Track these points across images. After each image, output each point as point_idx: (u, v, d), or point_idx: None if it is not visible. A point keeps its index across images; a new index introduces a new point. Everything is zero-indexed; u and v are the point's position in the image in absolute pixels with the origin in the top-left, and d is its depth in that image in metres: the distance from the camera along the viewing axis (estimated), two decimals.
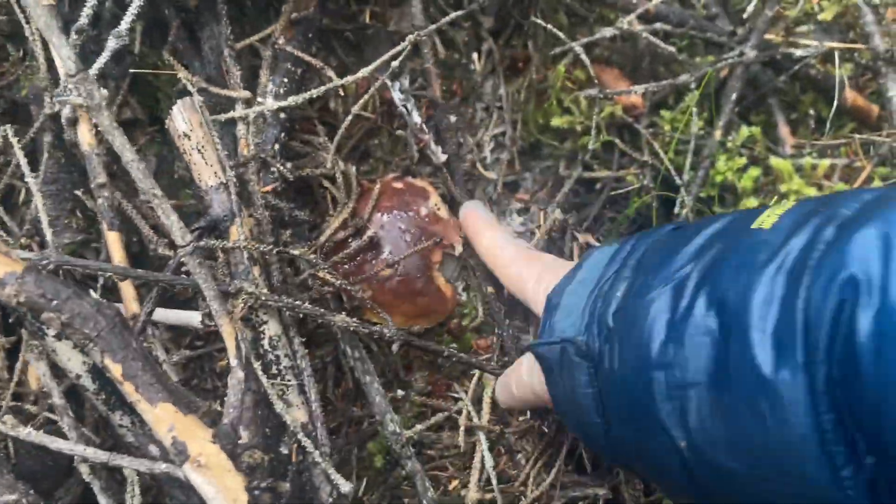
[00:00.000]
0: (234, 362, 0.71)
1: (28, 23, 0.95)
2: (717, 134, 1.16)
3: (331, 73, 0.92)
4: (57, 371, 0.92)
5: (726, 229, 0.69)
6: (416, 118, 1.14)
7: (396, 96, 1.13)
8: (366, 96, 0.94)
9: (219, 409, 0.72)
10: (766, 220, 0.65)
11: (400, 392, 1.07)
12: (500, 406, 1.05)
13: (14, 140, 0.95)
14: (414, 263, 0.97)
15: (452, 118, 1.18)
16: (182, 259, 0.68)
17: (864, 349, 0.49)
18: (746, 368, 0.57)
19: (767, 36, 1.19)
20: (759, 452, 0.58)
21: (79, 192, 0.98)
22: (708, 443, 0.62)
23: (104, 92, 0.66)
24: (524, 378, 0.92)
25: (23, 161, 0.90)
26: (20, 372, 0.95)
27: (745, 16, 1.15)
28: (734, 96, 1.17)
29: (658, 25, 1.14)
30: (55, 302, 0.63)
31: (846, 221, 0.58)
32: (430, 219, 1.00)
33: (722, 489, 0.64)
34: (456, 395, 1.08)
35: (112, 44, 0.89)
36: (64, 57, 0.65)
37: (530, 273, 0.95)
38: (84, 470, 0.81)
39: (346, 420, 1.06)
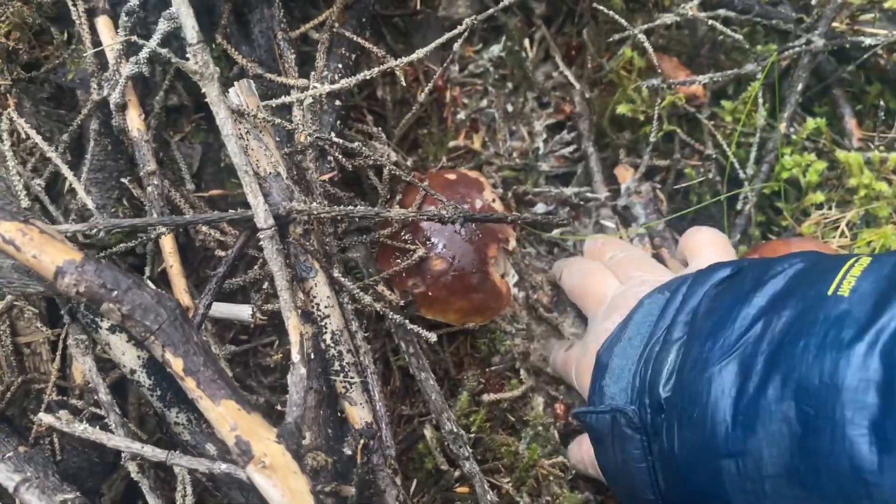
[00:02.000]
0: (296, 358, 0.67)
1: (75, 4, 0.91)
2: (782, 126, 1.11)
3: (388, 56, 0.88)
4: (102, 365, 0.89)
5: (793, 290, 0.62)
6: None
7: None
8: (429, 85, 0.89)
9: (279, 407, 0.68)
10: (844, 285, 0.57)
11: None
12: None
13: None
14: (469, 258, 0.92)
15: (509, 108, 1.14)
16: (261, 243, 0.64)
17: None
18: (842, 467, 0.51)
19: (833, 24, 1.14)
20: None
21: (125, 181, 0.95)
22: None
23: (216, 68, 0.63)
24: (583, 448, 0.89)
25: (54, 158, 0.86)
26: (62, 365, 0.92)
27: (812, 1, 1.09)
28: (800, 87, 1.12)
29: (721, 12, 1.09)
30: (115, 292, 0.60)
31: None
32: (485, 211, 0.96)
33: None
34: (508, 397, 1.04)
35: (163, 26, 0.86)
36: (188, 27, 0.62)
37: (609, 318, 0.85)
38: (132, 468, 0.78)
39: (394, 418, 1.02)
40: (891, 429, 0.49)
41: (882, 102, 1.20)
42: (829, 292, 0.58)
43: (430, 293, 0.89)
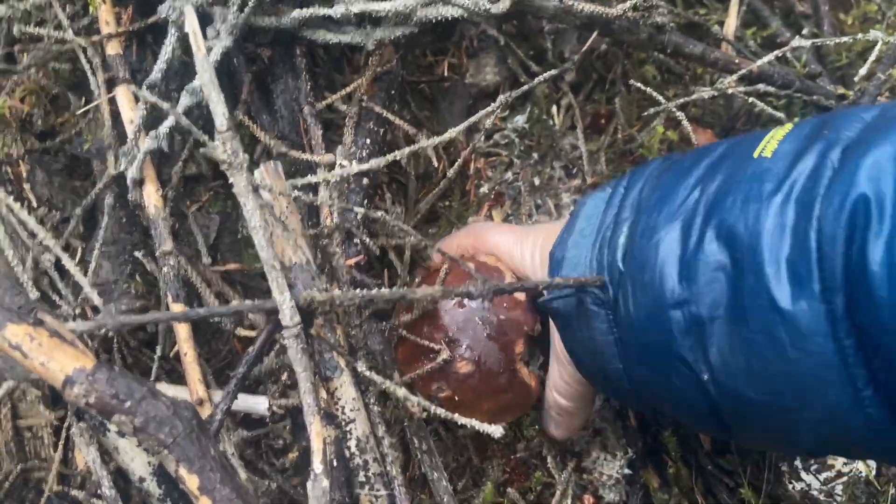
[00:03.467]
0: (318, 468, 0.62)
1: (94, 74, 0.88)
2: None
3: (420, 136, 0.84)
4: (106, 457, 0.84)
5: (726, 157, 0.68)
6: None
7: None
8: (457, 163, 0.85)
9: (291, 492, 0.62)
10: (767, 147, 0.64)
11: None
12: (558, 439, 0.97)
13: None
14: (495, 357, 0.85)
15: (536, 181, 1.10)
16: (285, 341, 0.60)
17: (876, 277, 0.51)
18: (763, 301, 0.58)
19: (881, 97, 1.10)
20: (780, 382, 0.59)
21: (138, 254, 0.91)
22: (729, 374, 0.62)
23: (246, 155, 0.59)
24: (559, 380, 0.87)
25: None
26: (64, 450, 0.87)
27: (856, 79, 1.05)
28: None
29: (761, 87, 1.05)
30: (128, 403, 0.55)
31: (851, 144, 0.58)
32: (508, 304, 0.88)
33: (745, 418, 0.65)
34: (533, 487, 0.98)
35: (185, 100, 0.83)
36: (218, 113, 0.58)
37: (525, 246, 0.89)
38: None
39: None
40: (801, 265, 0.56)
41: None
42: (756, 155, 0.64)
43: (456, 397, 0.83)
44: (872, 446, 0.61)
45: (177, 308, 0.80)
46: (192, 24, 0.60)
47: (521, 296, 0.91)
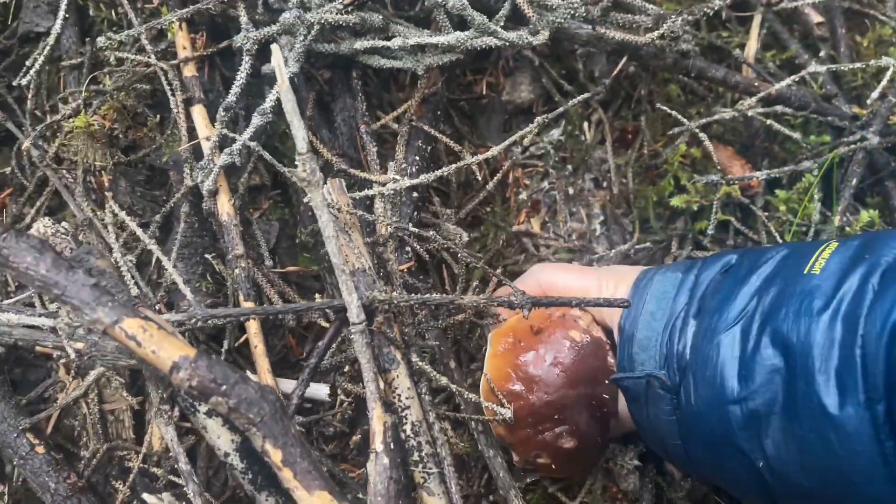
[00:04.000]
0: (379, 447, 0.71)
1: (174, 94, 0.98)
2: (836, 220, 1.14)
3: (465, 152, 0.93)
4: (182, 437, 0.94)
5: (779, 272, 0.77)
6: None
7: None
8: (499, 175, 0.94)
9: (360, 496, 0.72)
10: (816, 265, 0.74)
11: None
12: None
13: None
14: (590, 427, 0.89)
15: (570, 191, 1.19)
16: (352, 336, 0.69)
17: None
18: (814, 405, 0.67)
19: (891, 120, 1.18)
20: (830, 474, 0.68)
21: (209, 257, 1.01)
22: (783, 463, 0.71)
23: (321, 174, 0.69)
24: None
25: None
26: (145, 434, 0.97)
27: (868, 101, 1.13)
28: (854, 181, 1.15)
29: (778, 108, 1.13)
30: (224, 387, 0.65)
31: (888, 270, 0.68)
32: (594, 354, 0.90)
33: (796, 500, 0.73)
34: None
35: (257, 121, 0.92)
36: (299, 138, 0.68)
37: (606, 290, 0.94)
38: None
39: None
40: (848, 376, 0.65)
41: None
42: (805, 271, 0.74)
43: (553, 466, 0.90)
44: None
45: (247, 305, 0.90)
46: (277, 60, 0.69)
47: (596, 330, 0.94)
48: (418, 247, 0.92)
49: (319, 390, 0.89)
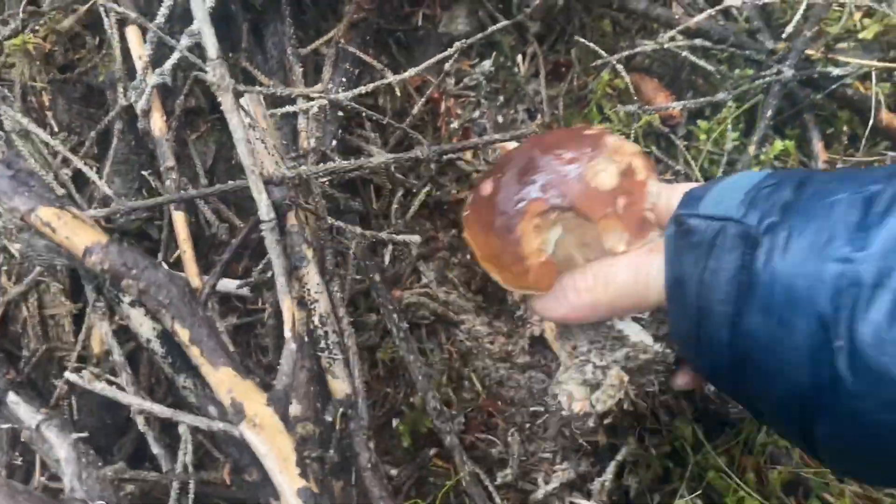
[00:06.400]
0: (288, 335, 0.78)
1: (108, 15, 1.02)
2: (751, 149, 1.20)
3: (387, 73, 0.98)
4: (119, 336, 1.00)
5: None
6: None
7: None
8: (423, 98, 0.99)
9: (271, 381, 0.78)
10: None
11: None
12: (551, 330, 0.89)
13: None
14: (512, 201, 0.76)
15: (500, 119, 1.24)
16: (262, 233, 0.75)
17: None
18: None
19: (808, 51, 1.23)
20: None
21: (145, 173, 1.06)
22: (880, 349, 0.56)
23: (231, 79, 0.73)
24: (623, 276, 0.76)
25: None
26: (83, 337, 1.03)
27: (783, 35, 1.18)
28: (769, 113, 1.21)
29: (698, 41, 1.18)
30: (134, 271, 0.71)
31: None
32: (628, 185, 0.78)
33: (871, 403, 0.58)
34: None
35: (185, 41, 0.96)
36: (209, 45, 0.73)
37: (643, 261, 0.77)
38: (140, 421, 0.89)
39: (379, 399, 1.12)
40: None
41: (848, 129, 1.29)
42: None
43: (470, 213, 0.79)
44: None
45: (178, 216, 0.95)
46: None
47: (641, 174, 0.80)
48: (340, 159, 0.97)
49: (230, 284, 0.96)
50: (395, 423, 1.09)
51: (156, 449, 0.91)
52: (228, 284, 0.95)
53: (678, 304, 0.71)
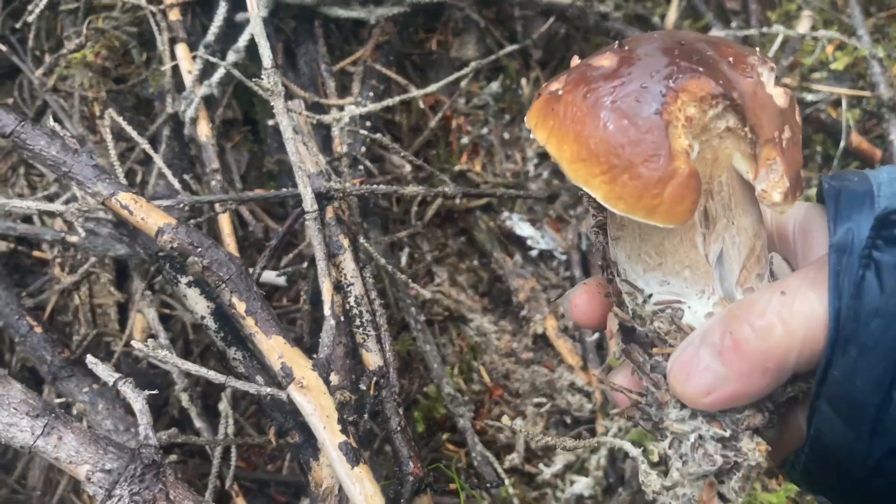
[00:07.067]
0: (328, 312, 0.88)
1: (160, 33, 1.14)
2: None
3: (411, 87, 1.10)
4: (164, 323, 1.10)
5: None
6: None
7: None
8: (439, 114, 1.11)
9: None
10: None
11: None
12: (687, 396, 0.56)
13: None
14: (659, 73, 0.52)
15: (506, 136, 1.36)
16: (306, 222, 0.86)
17: None
18: None
19: (785, 80, 1.36)
20: None
21: (187, 177, 1.16)
22: None
23: (283, 87, 0.84)
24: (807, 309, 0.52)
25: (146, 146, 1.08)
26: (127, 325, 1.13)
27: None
28: None
29: None
30: (199, 249, 0.81)
31: None
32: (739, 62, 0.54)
33: None
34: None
35: (232, 57, 1.08)
36: (265, 56, 0.84)
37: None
38: (184, 398, 0.99)
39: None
40: None
41: (821, 150, 1.42)
42: None
43: (568, 108, 0.54)
44: None
45: (224, 216, 1.06)
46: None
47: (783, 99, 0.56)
48: (369, 163, 1.08)
49: (269, 275, 1.06)
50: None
51: (198, 423, 1.00)
52: (268, 275, 1.05)
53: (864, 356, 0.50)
